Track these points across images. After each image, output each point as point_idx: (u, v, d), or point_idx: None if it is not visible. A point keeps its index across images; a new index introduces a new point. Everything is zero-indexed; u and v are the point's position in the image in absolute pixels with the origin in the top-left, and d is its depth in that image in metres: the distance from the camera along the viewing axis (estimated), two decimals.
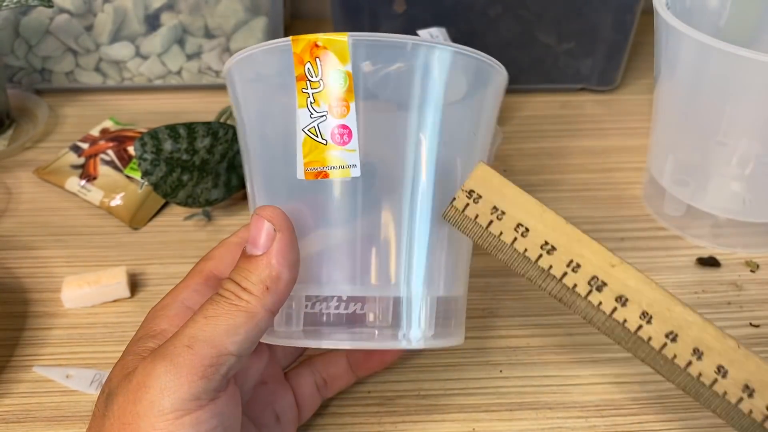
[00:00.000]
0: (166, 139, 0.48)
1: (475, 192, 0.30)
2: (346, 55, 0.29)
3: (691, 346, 0.29)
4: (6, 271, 0.48)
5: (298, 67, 0.30)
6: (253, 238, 0.30)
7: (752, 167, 0.46)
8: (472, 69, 0.33)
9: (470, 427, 0.38)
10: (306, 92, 0.30)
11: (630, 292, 0.30)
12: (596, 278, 0.30)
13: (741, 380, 0.29)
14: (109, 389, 0.29)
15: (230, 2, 0.61)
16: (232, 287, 0.29)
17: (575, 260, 0.30)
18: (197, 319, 0.28)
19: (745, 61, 0.40)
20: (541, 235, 0.30)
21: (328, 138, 0.30)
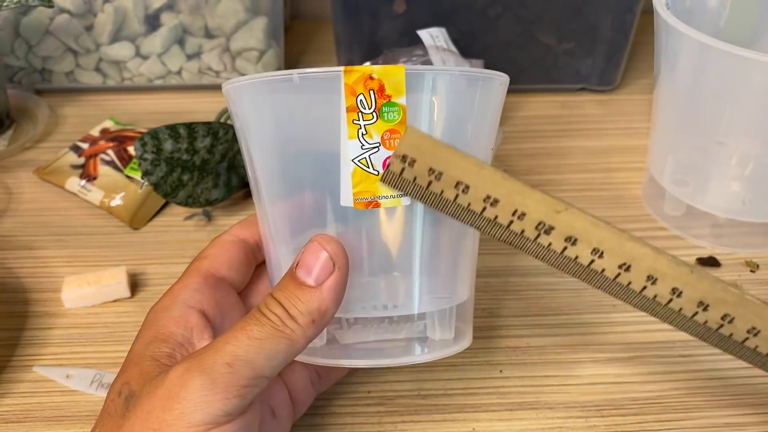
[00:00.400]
0: (166, 139, 0.48)
1: (408, 156, 0.30)
2: (401, 88, 0.30)
3: (645, 273, 0.30)
4: (6, 271, 0.48)
5: (349, 98, 0.30)
6: (307, 266, 0.29)
7: (752, 167, 0.46)
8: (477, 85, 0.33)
9: (470, 427, 0.38)
10: (357, 123, 0.30)
11: (578, 233, 0.30)
12: (543, 223, 0.30)
13: (695, 299, 0.31)
14: (130, 391, 0.29)
15: (230, 2, 0.61)
16: (279, 312, 0.29)
17: (519, 209, 0.30)
18: (240, 338, 0.28)
19: (745, 62, 0.40)
20: (482, 190, 0.30)
21: (380, 169, 0.30)
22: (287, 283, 0.30)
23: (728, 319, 0.31)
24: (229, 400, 0.27)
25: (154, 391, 0.28)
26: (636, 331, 0.44)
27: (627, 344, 0.43)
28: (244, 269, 0.36)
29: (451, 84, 0.31)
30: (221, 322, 0.33)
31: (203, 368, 0.28)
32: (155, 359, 0.30)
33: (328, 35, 0.68)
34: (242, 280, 0.36)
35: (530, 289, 0.46)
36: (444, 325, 0.34)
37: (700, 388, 0.40)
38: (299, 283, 0.29)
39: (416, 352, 0.33)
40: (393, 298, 0.32)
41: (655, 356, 0.42)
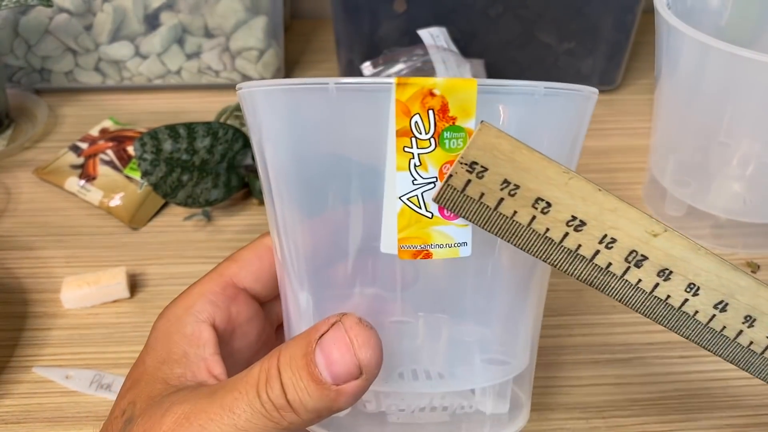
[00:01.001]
0: (165, 139, 0.47)
1: (478, 164, 0.24)
2: (471, 108, 0.24)
3: (743, 313, 0.26)
4: (6, 272, 0.47)
5: (401, 119, 0.23)
6: (330, 359, 0.24)
7: (753, 167, 0.46)
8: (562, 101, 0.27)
9: None
10: (409, 152, 0.24)
11: (674, 263, 0.25)
12: (634, 252, 0.25)
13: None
14: (132, 413, 0.28)
15: (230, 2, 0.60)
16: (279, 401, 0.25)
17: (609, 234, 0.25)
18: (226, 423, 0.25)
19: (746, 62, 0.40)
20: (567, 209, 0.25)
21: (435, 210, 0.24)
22: (300, 364, 0.25)
23: None
24: None
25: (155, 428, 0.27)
26: (637, 332, 0.44)
27: (628, 345, 0.43)
28: (274, 282, 0.33)
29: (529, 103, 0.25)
30: (230, 336, 0.32)
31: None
32: (166, 382, 0.29)
33: (328, 35, 0.68)
34: (269, 293, 0.33)
35: None
36: (498, 395, 0.28)
37: (700, 389, 0.40)
38: (314, 375, 0.24)
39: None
40: (432, 357, 0.27)
41: (656, 357, 0.42)
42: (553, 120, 0.26)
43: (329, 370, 0.24)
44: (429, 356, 0.27)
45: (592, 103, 0.28)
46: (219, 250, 0.49)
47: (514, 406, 0.28)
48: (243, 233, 0.51)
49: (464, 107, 0.23)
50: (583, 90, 0.26)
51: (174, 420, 0.26)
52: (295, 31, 0.75)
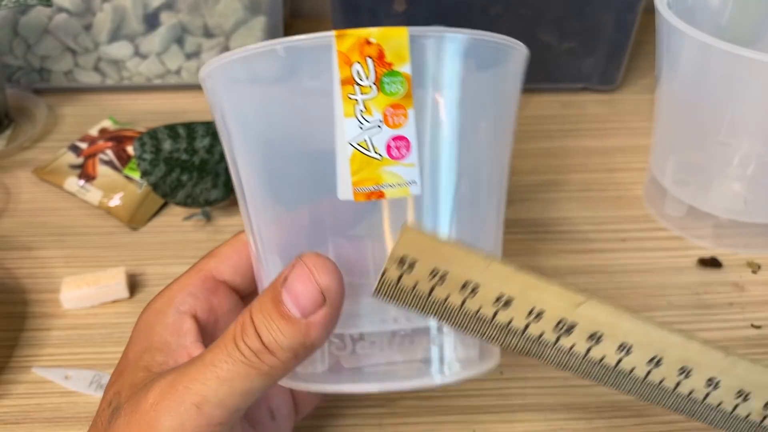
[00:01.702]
0: (165, 138, 0.47)
1: (407, 257, 0.26)
2: (405, 54, 0.25)
3: (678, 366, 0.28)
4: (5, 272, 0.47)
5: (343, 69, 0.25)
6: (294, 294, 0.26)
7: (754, 167, 0.46)
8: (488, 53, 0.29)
9: (471, 429, 0.38)
10: (354, 98, 0.26)
11: (602, 327, 0.27)
12: (563, 321, 0.27)
13: (734, 387, 0.28)
14: (118, 402, 0.28)
15: (229, 1, 0.60)
16: (256, 345, 0.26)
17: (536, 308, 0.27)
18: (209, 377, 0.26)
19: (746, 61, 0.40)
20: (493, 290, 0.27)
21: (383, 152, 0.26)
22: (269, 306, 0.26)
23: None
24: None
25: (129, 418, 0.27)
26: None
27: None
28: (251, 275, 0.34)
29: (462, 51, 0.27)
30: (213, 327, 0.33)
31: (170, 408, 0.26)
32: (148, 369, 0.29)
33: None
34: (248, 285, 0.34)
35: None
36: (467, 341, 0.29)
37: None
38: (283, 312, 0.26)
39: (434, 374, 0.29)
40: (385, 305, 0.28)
41: None
42: (482, 67, 0.28)
43: (296, 304, 0.26)
44: None
45: (518, 55, 0.30)
46: None
47: (483, 351, 0.30)
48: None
49: (399, 53, 0.25)
50: (508, 41, 0.28)
51: (159, 392, 0.27)
52: (294, 30, 0.75)
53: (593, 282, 0.47)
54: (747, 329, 0.44)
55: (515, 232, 0.50)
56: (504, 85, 0.30)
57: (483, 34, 0.27)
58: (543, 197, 0.54)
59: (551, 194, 0.54)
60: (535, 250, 0.49)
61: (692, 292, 0.46)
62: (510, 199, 0.53)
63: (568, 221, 0.52)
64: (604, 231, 0.51)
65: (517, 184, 0.55)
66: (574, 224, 0.51)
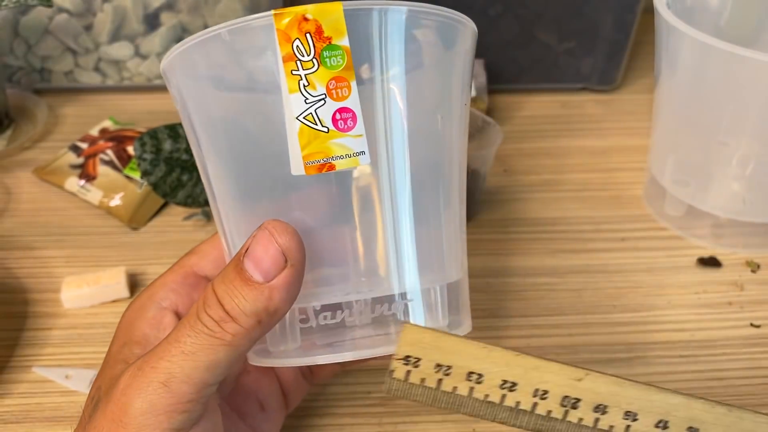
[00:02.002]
0: (165, 138, 0.47)
1: (411, 357, 0.28)
2: (342, 27, 0.26)
3: (685, 426, 0.29)
4: (6, 272, 0.47)
5: (284, 46, 0.26)
6: (256, 258, 0.26)
7: (753, 167, 0.46)
8: (434, 28, 0.29)
9: (470, 428, 0.38)
10: (297, 74, 0.26)
11: (605, 399, 0.29)
12: (567, 397, 0.29)
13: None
14: (98, 397, 0.29)
15: (229, 2, 0.60)
16: (218, 314, 0.26)
17: (540, 388, 0.28)
18: (174, 353, 0.26)
19: (745, 61, 0.40)
20: (496, 376, 0.28)
21: (330, 124, 0.26)
22: (231, 275, 0.26)
23: None
24: (173, 417, 0.26)
25: (105, 408, 0.27)
26: (636, 331, 0.43)
27: (627, 345, 0.43)
28: None
29: (404, 25, 0.27)
30: None
31: (140, 389, 0.26)
32: (125, 361, 0.30)
33: None
34: None
35: (530, 290, 0.46)
36: (433, 308, 0.30)
37: (700, 388, 0.40)
38: (245, 278, 0.26)
39: None
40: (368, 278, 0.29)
41: (656, 357, 0.42)
42: (424, 41, 0.28)
43: (258, 268, 0.26)
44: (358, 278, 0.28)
45: (464, 29, 0.29)
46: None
47: (452, 325, 0.30)
48: None
49: (336, 27, 0.26)
50: (451, 14, 0.28)
51: (128, 376, 0.27)
52: None
53: (592, 281, 0.47)
54: (746, 328, 0.44)
55: (514, 232, 0.51)
56: (452, 60, 0.30)
57: (421, 6, 0.28)
58: (542, 197, 0.54)
59: (550, 194, 0.54)
60: (534, 250, 0.49)
61: (691, 292, 0.46)
62: (509, 199, 0.54)
63: (567, 221, 0.52)
64: (603, 231, 0.51)
65: (515, 183, 0.55)
66: (573, 224, 0.51)
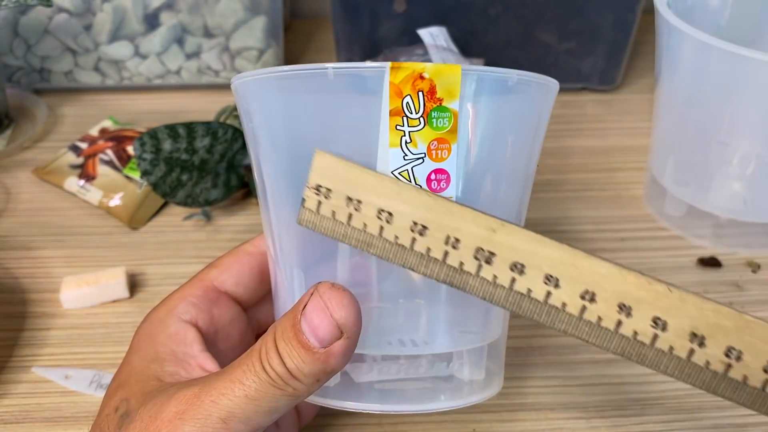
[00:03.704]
0: (165, 138, 0.47)
1: (322, 186, 0.26)
2: (456, 91, 0.26)
3: (615, 302, 0.25)
4: (5, 272, 0.47)
5: (393, 100, 0.26)
6: (312, 326, 0.26)
7: (753, 167, 0.46)
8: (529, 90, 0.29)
9: (470, 428, 0.38)
10: (401, 130, 0.26)
11: (523, 257, 0.25)
12: (481, 249, 0.26)
13: (685, 329, 0.24)
14: (127, 409, 0.28)
15: (230, 1, 0.60)
16: (281, 371, 0.26)
17: (452, 235, 0.26)
18: (237, 394, 0.27)
19: (746, 61, 0.40)
20: (407, 216, 0.26)
21: (423, 183, 0.27)
22: (290, 335, 0.27)
23: (734, 355, 0.24)
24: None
25: (144, 425, 0.27)
26: None
27: None
28: (254, 285, 0.34)
29: (501, 88, 0.27)
30: (214, 337, 0.33)
31: (197, 419, 0.27)
32: (159, 379, 0.29)
33: (328, 35, 0.68)
34: (250, 297, 0.34)
35: None
36: (474, 364, 0.30)
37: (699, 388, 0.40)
38: (302, 341, 0.26)
39: (441, 398, 0.30)
40: (414, 331, 0.29)
41: None
42: (522, 106, 0.29)
43: (314, 335, 0.26)
44: (409, 332, 0.29)
45: (552, 95, 0.30)
46: (218, 250, 0.49)
47: (488, 375, 0.31)
48: (242, 233, 0.51)
49: (450, 90, 0.26)
50: (549, 81, 0.29)
51: (184, 401, 0.27)
52: (294, 30, 0.75)
53: None
54: None
55: None
56: (535, 119, 0.30)
57: (526, 74, 0.28)
58: (543, 197, 0.54)
59: (551, 194, 0.54)
60: None
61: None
62: None
63: (567, 221, 0.52)
64: (603, 230, 0.51)
65: None
66: (573, 224, 0.51)
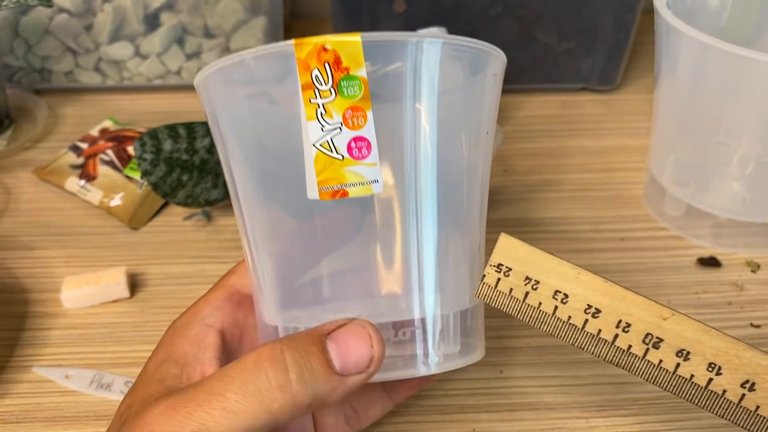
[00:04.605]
0: (165, 138, 0.47)
1: (503, 265, 0.29)
2: (360, 59, 0.27)
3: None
4: (5, 271, 0.47)
5: (303, 75, 0.27)
6: (345, 348, 0.26)
7: (753, 167, 0.46)
8: (467, 59, 0.30)
9: (470, 428, 0.38)
10: (315, 102, 0.27)
11: (690, 344, 0.28)
12: (650, 335, 0.28)
13: None
14: (127, 416, 0.28)
15: (230, 2, 0.60)
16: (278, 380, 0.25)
17: (624, 320, 0.28)
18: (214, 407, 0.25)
19: (745, 61, 0.40)
20: (582, 299, 0.29)
21: (344, 152, 0.27)
22: (309, 348, 0.26)
23: None
24: None
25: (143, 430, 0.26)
26: None
27: None
28: None
29: (427, 58, 0.28)
30: (239, 342, 0.32)
31: (168, 431, 0.25)
32: (161, 382, 0.29)
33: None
34: None
35: None
36: (446, 333, 0.30)
37: None
38: (326, 359, 0.25)
39: (419, 365, 0.30)
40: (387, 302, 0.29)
41: None
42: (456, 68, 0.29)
43: (342, 358, 0.25)
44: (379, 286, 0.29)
45: (494, 60, 0.30)
46: (219, 250, 0.49)
47: (465, 348, 0.31)
48: None
49: (355, 58, 0.27)
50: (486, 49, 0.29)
51: (159, 412, 0.26)
52: (295, 31, 0.75)
53: None
54: (746, 328, 0.44)
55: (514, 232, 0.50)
56: (479, 89, 0.31)
57: (451, 39, 0.28)
58: (542, 197, 0.54)
59: (550, 194, 0.54)
60: None
61: (691, 292, 0.46)
62: (509, 199, 0.54)
63: (567, 221, 0.52)
64: (603, 231, 0.51)
65: (516, 183, 0.55)
66: (573, 224, 0.51)
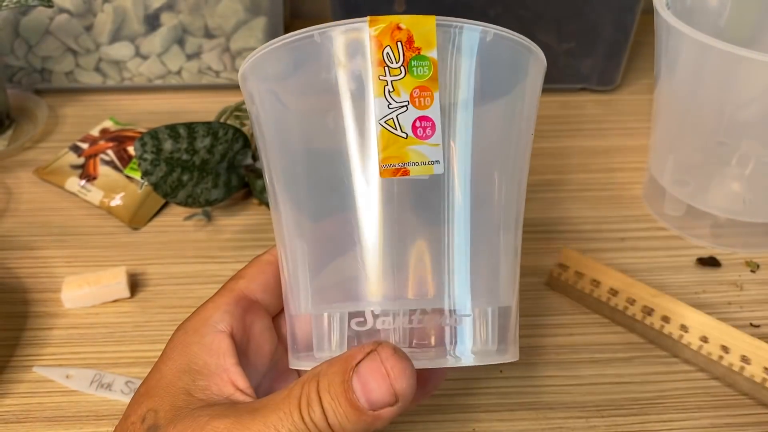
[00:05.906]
0: (166, 139, 0.47)
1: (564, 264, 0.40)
2: (432, 40, 0.27)
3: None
4: (6, 271, 0.48)
5: (375, 52, 0.27)
6: (367, 388, 0.26)
7: (752, 167, 0.46)
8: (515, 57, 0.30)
9: (470, 428, 0.38)
10: (384, 80, 0.27)
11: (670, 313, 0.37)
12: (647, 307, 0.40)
13: None
14: (155, 421, 0.28)
15: (230, 2, 0.61)
16: (321, 424, 0.26)
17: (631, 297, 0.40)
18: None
19: (745, 61, 0.40)
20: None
21: (409, 131, 0.27)
22: (338, 390, 0.26)
23: None
24: None
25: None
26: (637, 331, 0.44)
27: (627, 344, 0.43)
28: (280, 293, 0.34)
29: (486, 45, 0.28)
30: (246, 347, 0.32)
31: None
32: (189, 393, 0.29)
33: None
34: (278, 304, 0.34)
35: (531, 289, 0.46)
36: (482, 330, 0.29)
37: (699, 388, 0.40)
38: (351, 399, 0.26)
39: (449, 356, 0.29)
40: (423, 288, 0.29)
41: (655, 356, 0.42)
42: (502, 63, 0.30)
43: (366, 397, 0.26)
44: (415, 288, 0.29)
45: (538, 61, 0.31)
46: (219, 250, 0.49)
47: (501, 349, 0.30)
48: (243, 233, 0.51)
49: (427, 39, 0.27)
50: (530, 44, 0.30)
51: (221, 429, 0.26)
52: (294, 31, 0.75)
53: None
54: (746, 328, 0.44)
55: None
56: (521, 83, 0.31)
57: (505, 31, 0.29)
58: (542, 197, 0.54)
59: (550, 194, 0.54)
60: (534, 250, 0.49)
61: (691, 292, 0.46)
62: None
63: (567, 221, 0.52)
64: (603, 230, 0.51)
65: None
66: (573, 224, 0.51)
